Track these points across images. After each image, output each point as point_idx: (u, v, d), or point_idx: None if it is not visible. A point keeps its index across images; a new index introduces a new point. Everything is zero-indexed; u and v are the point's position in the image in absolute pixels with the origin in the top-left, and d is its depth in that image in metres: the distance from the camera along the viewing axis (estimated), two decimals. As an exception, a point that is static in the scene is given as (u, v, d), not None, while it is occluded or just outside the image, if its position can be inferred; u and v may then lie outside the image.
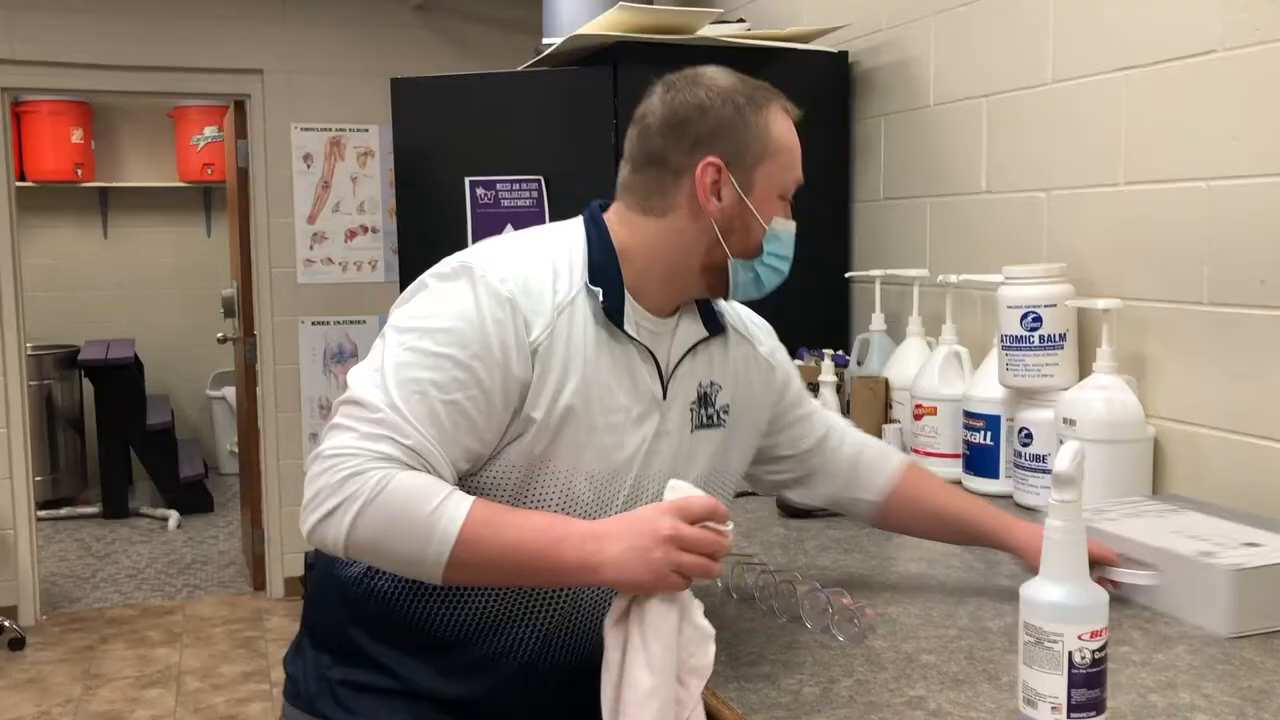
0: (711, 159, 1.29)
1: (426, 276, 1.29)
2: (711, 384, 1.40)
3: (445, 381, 1.19)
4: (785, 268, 1.39)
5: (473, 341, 1.21)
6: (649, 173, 1.32)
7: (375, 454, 1.16)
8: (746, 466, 1.51)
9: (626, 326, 1.29)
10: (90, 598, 4.86)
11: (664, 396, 1.33)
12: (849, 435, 1.59)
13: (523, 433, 1.24)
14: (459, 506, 1.16)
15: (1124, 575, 1.44)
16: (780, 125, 1.35)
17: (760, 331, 1.53)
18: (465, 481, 1.24)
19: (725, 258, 1.33)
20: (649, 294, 1.32)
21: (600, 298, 1.27)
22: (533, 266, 1.27)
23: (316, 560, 1.44)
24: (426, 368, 1.20)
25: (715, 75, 1.34)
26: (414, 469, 1.17)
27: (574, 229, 1.34)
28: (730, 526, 1.19)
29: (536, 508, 1.26)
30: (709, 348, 1.39)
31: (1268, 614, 1.38)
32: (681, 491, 1.19)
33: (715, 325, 1.40)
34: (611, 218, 1.35)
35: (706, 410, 1.39)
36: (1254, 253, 1.74)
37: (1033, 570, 1.37)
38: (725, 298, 1.38)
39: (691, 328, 1.37)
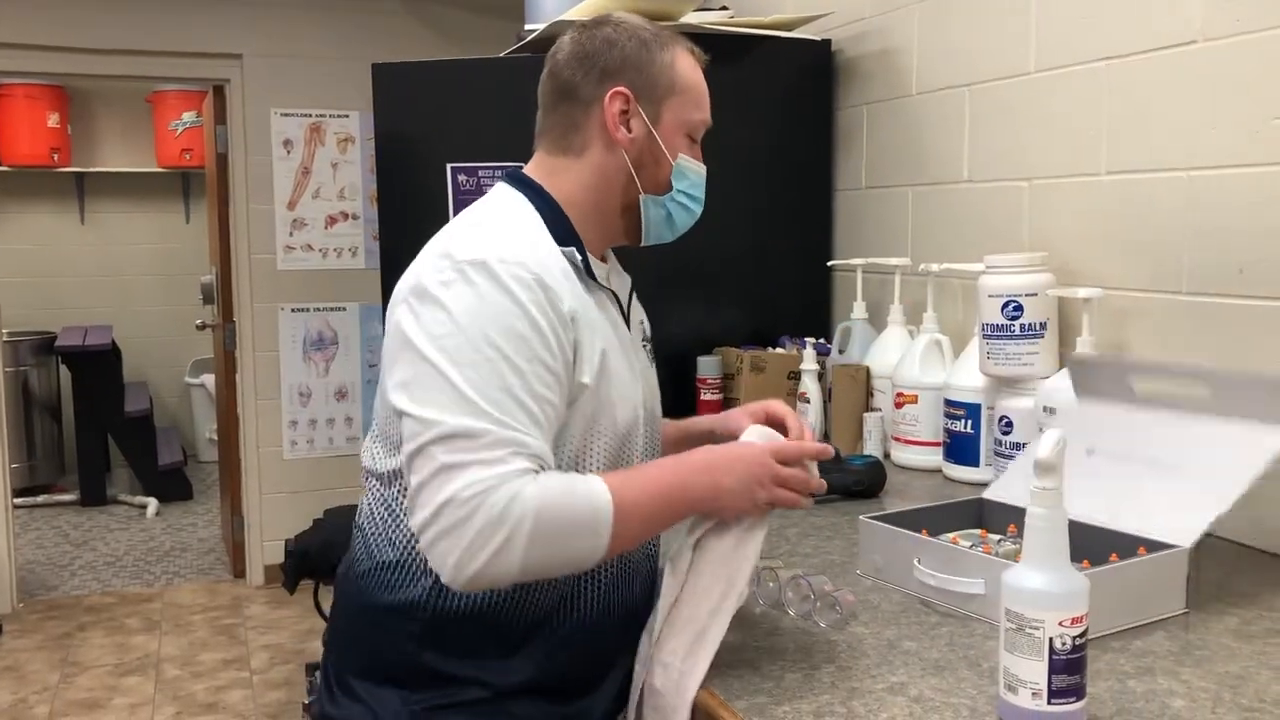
0: (619, 88, 1.34)
1: (431, 287, 1.24)
2: (642, 321, 1.51)
3: (526, 382, 1.20)
4: (696, 208, 1.42)
5: (530, 333, 1.21)
6: (561, 108, 1.37)
7: (514, 473, 1.15)
8: None
9: (598, 277, 1.35)
10: (68, 585, 4.83)
11: (630, 332, 1.41)
12: None
13: (577, 398, 1.27)
14: (600, 489, 1.20)
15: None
16: (686, 63, 1.38)
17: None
18: None
19: (639, 194, 1.37)
20: (590, 241, 1.37)
21: (576, 256, 1.32)
22: (525, 243, 1.28)
23: (347, 598, 1.39)
24: (504, 374, 1.19)
25: (622, 16, 1.40)
26: (541, 472, 1.19)
27: (513, 198, 1.36)
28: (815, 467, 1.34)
29: (594, 464, 1.31)
30: (632, 292, 1.49)
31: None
32: (761, 435, 1.34)
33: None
34: (538, 170, 1.39)
35: (649, 345, 1.51)
36: (1233, 242, 1.75)
37: (725, 433, 1.48)
38: (639, 242, 1.43)
39: (620, 271, 1.47)
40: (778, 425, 1.42)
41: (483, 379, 1.18)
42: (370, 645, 1.33)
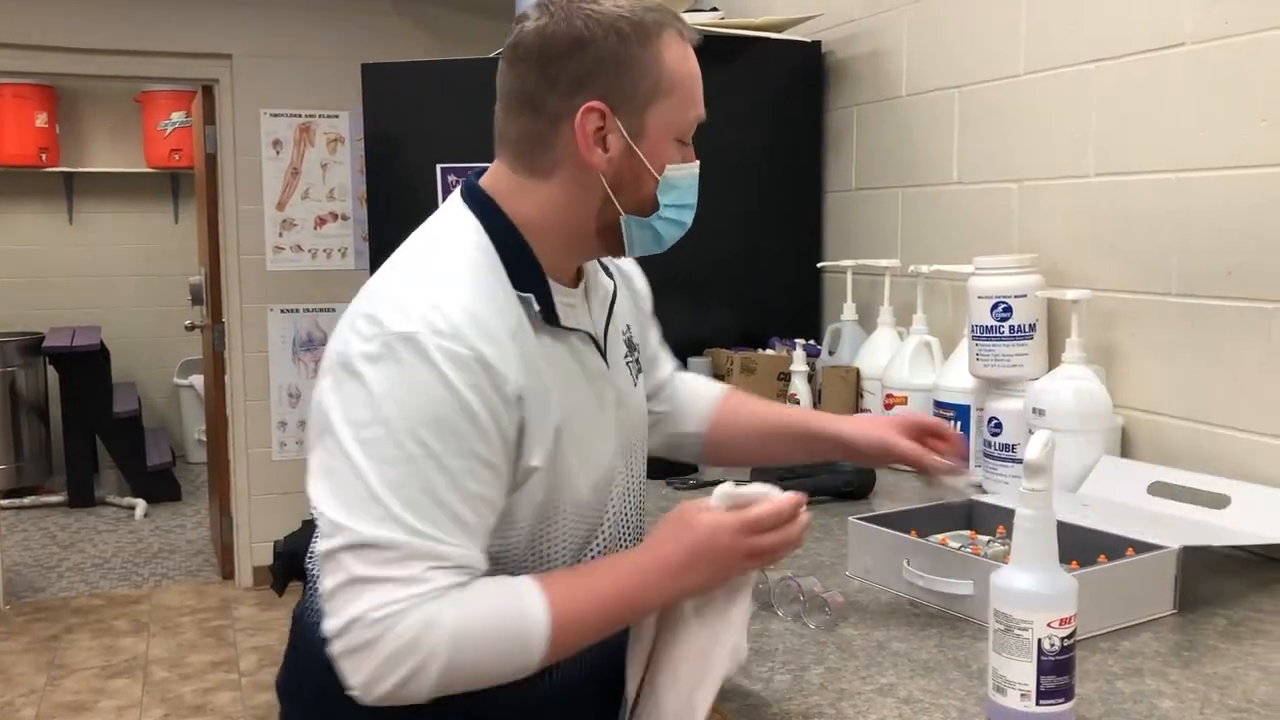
0: (593, 103, 1.12)
1: (355, 360, 1.07)
2: (627, 327, 1.34)
3: (454, 480, 1.05)
4: (686, 218, 1.23)
5: (461, 424, 1.05)
6: (523, 119, 1.15)
7: (429, 594, 1.02)
8: None
9: (564, 321, 1.17)
10: (55, 587, 4.81)
11: (607, 366, 1.25)
12: (674, 371, 1.53)
13: (524, 483, 1.12)
14: (535, 607, 1.06)
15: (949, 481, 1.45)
16: (676, 54, 1.16)
17: (625, 261, 1.40)
18: None
19: (618, 215, 1.18)
20: (560, 269, 1.19)
21: (534, 304, 1.14)
22: (468, 295, 1.09)
23: (299, 649, 1.26)
24: (427, 473, 1.04)
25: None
26: (465, 584, 1.06)
27: (467, 223, 1.17)
28: (804, 514, 1.19)
29: (556, 542, 1.18)
30: (618, 296, 1.32)
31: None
32: (731, 498, 1.16)
33: (607, 270, 1.31)
34: (498, 189, 1.18)
35: (634, 355, 1.33)
36: (1222, 244, 1.75)
37: (862, 449, 1.43)
38: (622, 255, 1.25)
39: (598, 281, 1.28)
40: (930, 436, 1.36)
41: (403, 479, 1.03)
42: (317, 691, 1.18)
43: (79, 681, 3.81)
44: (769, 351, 2.58)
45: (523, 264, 1.15)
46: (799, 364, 2.46)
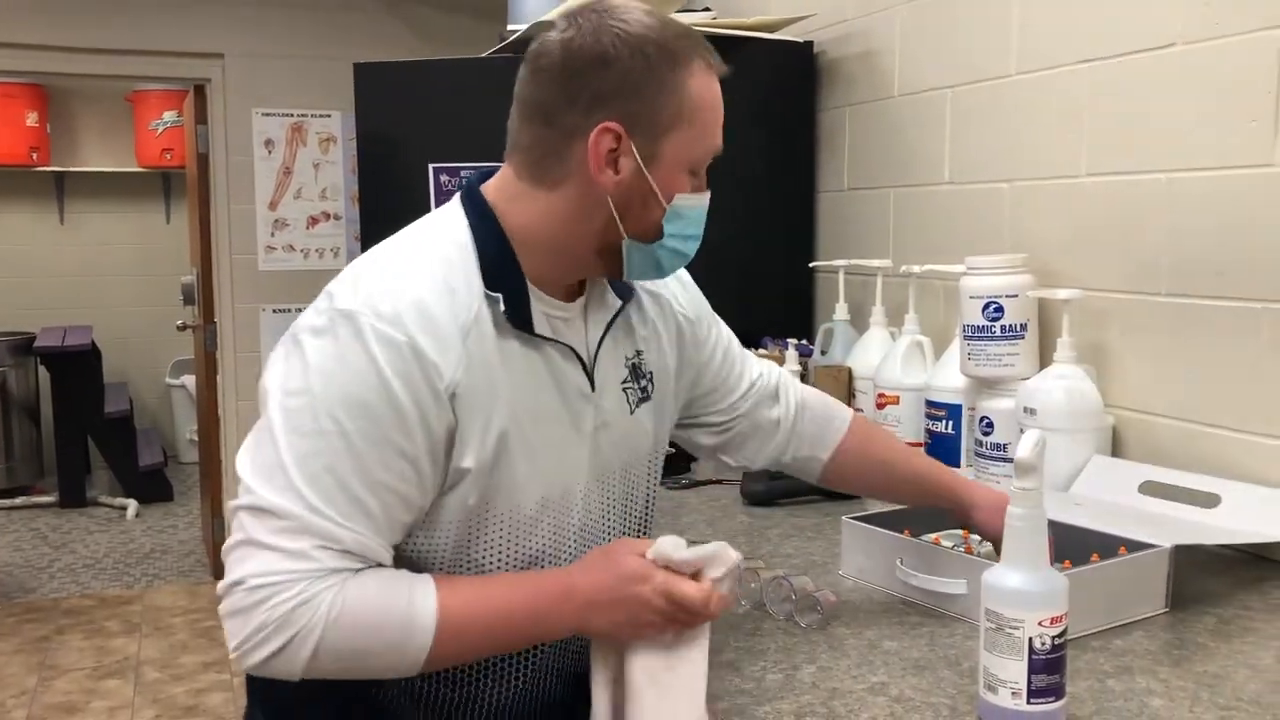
0: (610, 124, 1.09)
1: (301, 331, 1.08)
2: (637, 353, 1.27)
3: (363, 465, 1.03)
4: (691, 249, 1.21)
5: (381, 410, 1.03)
6: (536, 129, 1.14)
7: (313, 572, 1.01)
8: (671, 429, 1.38)
9: (538, 329, 1.14)
10: (46, 588, 4.80)
11: (592, 389, 1.20)
12: (792, 391, 1.46)
13: (456, 484, 1.10)
14: (424, 606, 1.05)
15: None
16: (701, 84, 1.13)
17: (673, 281, 1.36)
18: (397, 550, 1.11)
19: (620, 239, 1.15)
20: (552, 281, 1.17)
21: (501, 305, 1.11)
22: (423, 287, 1.07)
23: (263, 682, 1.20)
24: (336, 452, 1.02)
25: (628, 16, 1.11)
26: (358, 570, 1.05)
27: (456, 222, 1.16)
28: (729, 566, 1.13)
29: (487, 551, 1.15)
30: (625, 314, 1.26)
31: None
32: (669, 559, 1.11)
33: (625, 289, 1.25)
34: (499, 194, 1.17)
35: (640, 383, 1.27)
36: (1212, 244, 1.76)
37: (986, 533, 1.39)
38: (619, 278, 1.21)
39: (603, 300, 1.24)
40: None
41: (311, 453, 1.02)
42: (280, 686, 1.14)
43: (70, 682, 3.80)
44: (761, 351, 2.58)
45: (500, 265, 1.13)
46: (791, 363, 2.46)
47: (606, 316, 1.24)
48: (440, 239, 1.15)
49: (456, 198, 1.20)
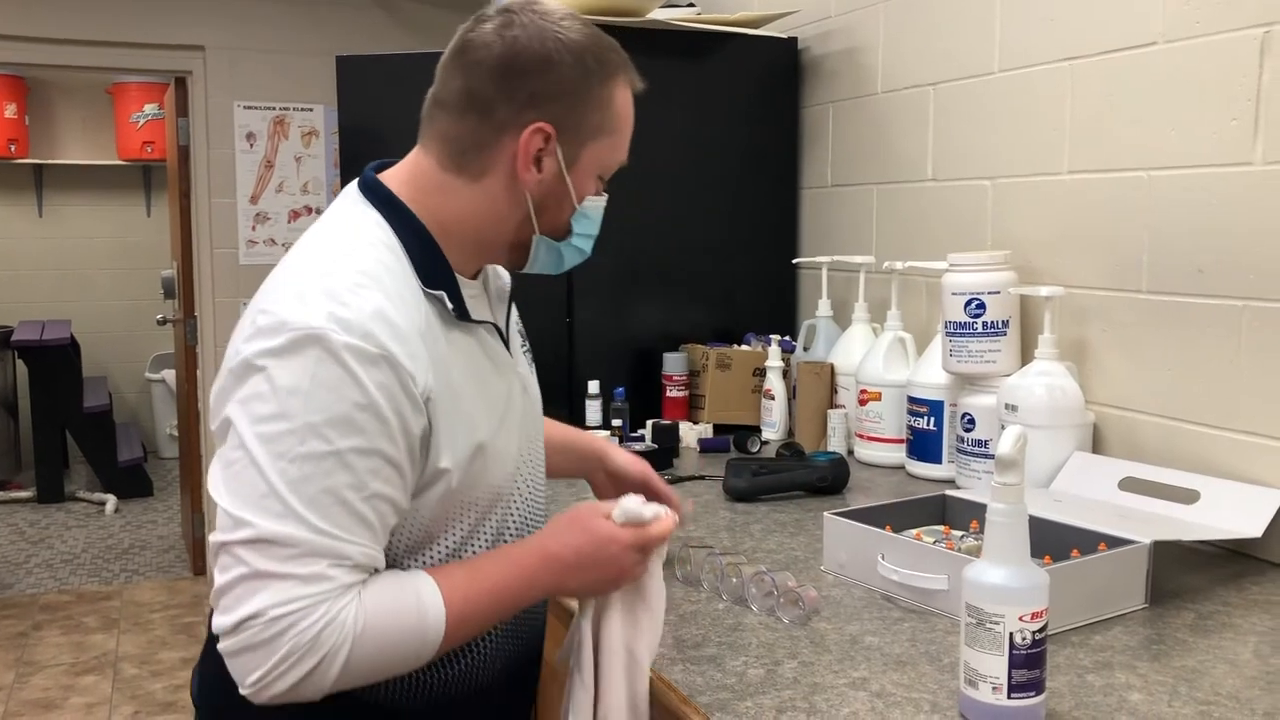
0: (543, 125, 1.13)
1: (258, 356, 1.05)
2: (520, 320, 1.37)
3: (358, 479, 1.04)
4: (589, 246, 1.26)
5: (367, 422, 1.04)
6: (468, 119, 1.15)
7: (331, 592, 1.02)
8: None
9: (474, 314, 1.18)
10: (24, 583, 4.76)
11: (511, 355, 1.26)
12: None
13: (433, 483, 1.12)
14: (432, 600, 1.08)
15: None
16: (624, 98, 1.20)
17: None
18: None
19: (532, 234, 1.20)
20: (464, 267, 1.20)
21: (446, 301, 1.14)
22: (379, 296, 1.07)
23: (212, 659, 1.17)
24: (330, 472, 1.03)
25: (566, 23, 1.15)
26: (368, 581, 1.07)
27: (370, 222, 1.15)
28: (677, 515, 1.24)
29: (459, 533, 1.18)
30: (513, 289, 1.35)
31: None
32: (625, 514, 1.19)
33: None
34: (410, 185, 1.18)
35: (527, 345, 1.37)
36: (1192, 242, 1.77)
37: (623, 471, 1.46)
38: (521, 270, 1.26)
39: (497, 276, 1.31)
40: (642, 490, 1.35)
41: (304, 477, 1.02)
42: (233, 700, 1.12)
43: (48, 679, 3.77)
44: (744, 347, 2.59)
45: (432, 262, 1.14)
46: (774, 360, 2.47)
47: (504, 291, 1.31)
48: (370, 242, 1.13)
49: (354, 193, 1.19)
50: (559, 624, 1.51)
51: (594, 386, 2.47)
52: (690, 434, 2.43)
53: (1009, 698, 1.07)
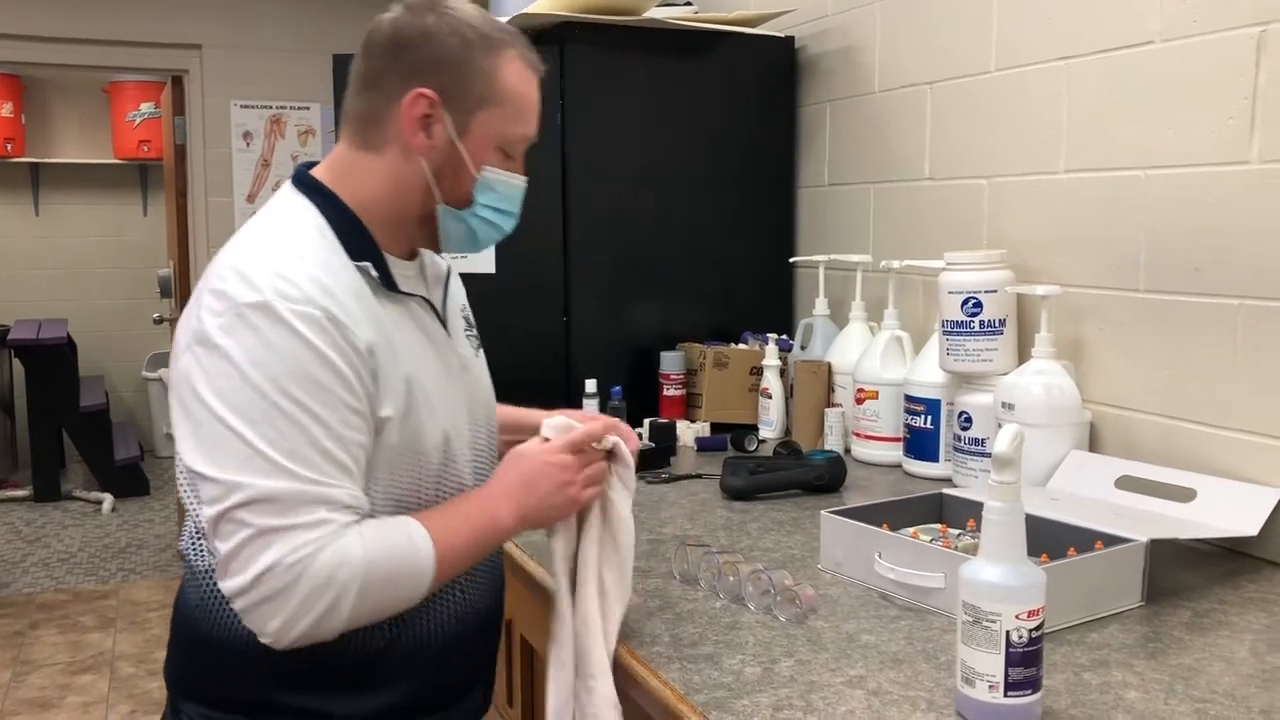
0: (424, 90, 1.21)
1: (213, 334, 1.12)
2: (464, 306, 1.44)
3: (330, 429, 1.12)
4: (505, 223, 1.32)
5: (324, 377, 1.12)
6: (364, 96, 1.25)
7: (334, 533, 1.10)
8: None
9: (402, 287, 1.26)
10: (20, 582, 4.76)
11: (448, 335, 1.34)
12: None
13: (380, 430, 1.19)
14: (419, 535, 1.17)
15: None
16: (512, 73, 1.26)
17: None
18: None
19: (435, 205, 1.27)
20: (393, 246, 1.27)
21: (372, 270, 1.22)
22: (312, 266, 1.16)
23: (180, 630, 1.30)
24: (305, 426, 1.10)
25: (457, 6, 1.25)
26: (360, 521, 1.14)
27: (300, 206, 1.24)
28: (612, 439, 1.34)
29: (412, 493, 1.24)
30: (451, 275, 1.43)
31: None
32: (557, 429, 1.31)
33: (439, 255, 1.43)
34: (331, 172, 1.27)
35: (474, 331, 1.44)
36: (1189, 241, 1.77)
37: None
38: (438, 250, 1.34)
39: (434, 261, 1.40)
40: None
41: (282, 435, 1.09)
42: (210, 679, 1.25)
43: (44, 678, 3.77)
44: (742, 346, 2.59)
45: (356, 236, 1.23)
46: (771, 358, 2.47)
47: (440, 276, 1.40)
48: (301, 223, 1.22)
49: (287, 191, 1.28)
50: (516, 580, 1.60)
51: (591, 385, 2.47)
52: (687, 432, 2.43)
53: (1005, 696, 1.07)
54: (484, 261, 2.50)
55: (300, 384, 1.11)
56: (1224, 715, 1.12)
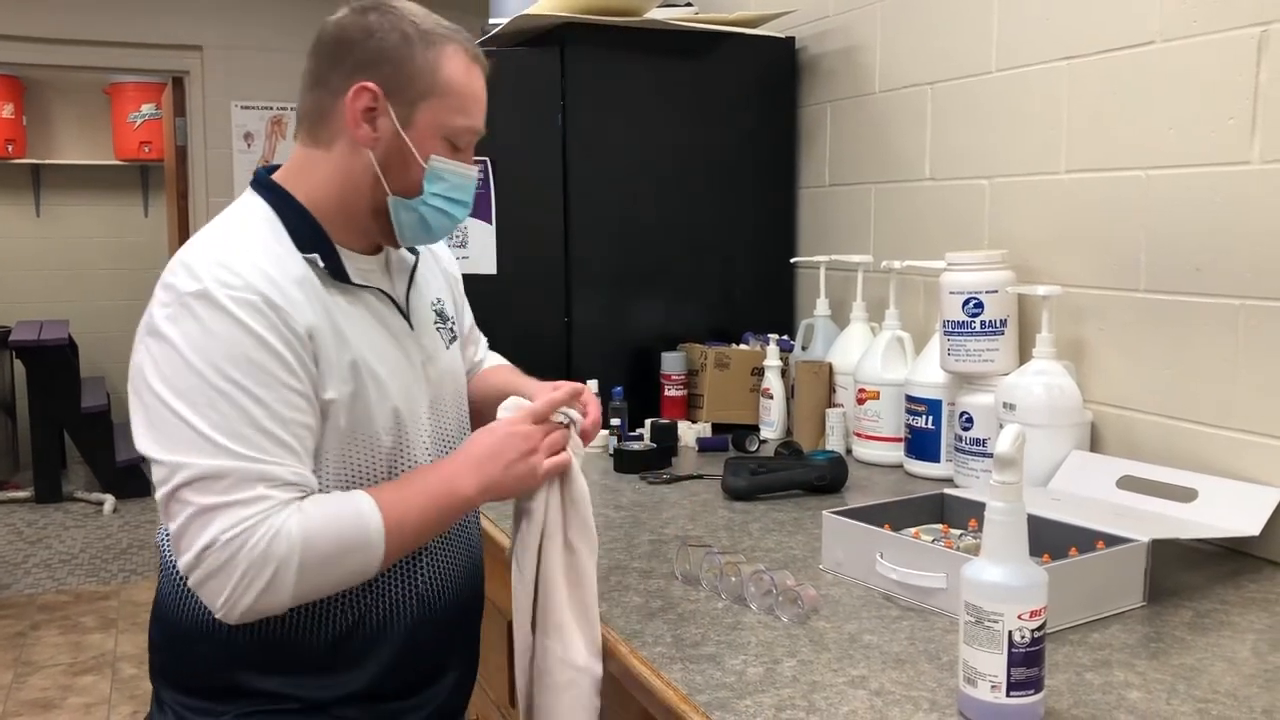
0: (367, 84, 1.25)
1: (159, 324, 1.18)
2: (438, 299, 1.46)
3: (270, 410, 1.16)
4: (456, 211, 1.34)
5: (267, 359, 1.17)
6: (312, 94, 1.30)
7: (272, 509, 1.14)
8: None
9: (355, 278, 1.29)
10: (21, 584, 4.76)
11: (411, 327, 1.37)
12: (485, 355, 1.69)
13: (325, 413, 1.23)
14: (366, 507, 1.20)
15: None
16: (454, 66, 1.29)
17: (442, 249, 1.57)
18: None
19: (386, 197, 1.30)
20: (349, 240, 1.31)
21: (320, 262, 1.26)
22: (254, 255, 1.21)
23: (158, 618, 1.35)
24: (244, 406, 1.15)
25: (400, 4, 1.30)
26: (304, 497, 1.18)
27: (253, 204, 1.30)
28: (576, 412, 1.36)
29: (364, 475, 1.28)
30: (420, 268, 1.44)
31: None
32: (512, 407, 1.34)
33: (413, 251, 1.44)
34: (286, 173, 1.32)
35: (447, 324, 1.46)
36: (1190, 241, 1.77)
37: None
38: (396, 245, 1.36)
39: (400, 256, 1.42)
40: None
41: (222, 416, 1.14)
42: (185, 667, 1.31)
43: (46, 678, 3.77)
44: (743, 346, 2.59)
45: (304, 229, 1.27)
46: (772, 359, 2.47)
47: (406, 269, 1.42)
48: (252, 219, 1.28)
49: (246, 194, 1.34)
50: (494, 561, 1.55)
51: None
52: (689, 433, 2.43)
53: (1008, 696, 1.07)
54: (485, 262, 2.50)
55: (240, 367, 1.15)
56: (1226, 715, 1.12)
